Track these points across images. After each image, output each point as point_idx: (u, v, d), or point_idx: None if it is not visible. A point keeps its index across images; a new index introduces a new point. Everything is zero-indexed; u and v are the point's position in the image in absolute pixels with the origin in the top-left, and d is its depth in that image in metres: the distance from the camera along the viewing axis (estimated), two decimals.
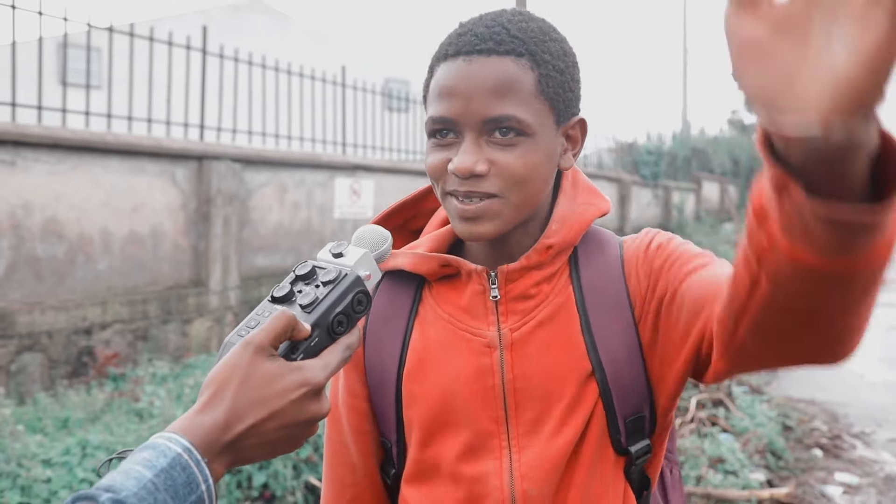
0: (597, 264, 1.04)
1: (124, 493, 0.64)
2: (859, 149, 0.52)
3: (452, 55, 0.95)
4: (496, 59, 0.93)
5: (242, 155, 6.20)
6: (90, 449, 3.40)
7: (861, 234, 0.57)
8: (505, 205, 0.95)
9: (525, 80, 0.93)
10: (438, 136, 0.97)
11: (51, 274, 4.78)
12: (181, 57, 6.27)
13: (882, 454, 4.82)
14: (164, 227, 5.55)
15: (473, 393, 1.00)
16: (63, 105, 5.12)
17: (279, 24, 20.67)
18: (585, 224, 1.03)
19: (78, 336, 4.87)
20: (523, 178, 0.94)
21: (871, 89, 0.45)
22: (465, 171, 0.93)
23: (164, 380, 4.66)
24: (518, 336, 1.00)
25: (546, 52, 0.95)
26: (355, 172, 7.52)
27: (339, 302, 0.82)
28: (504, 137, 0.93)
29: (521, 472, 0.98)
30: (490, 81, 0.92)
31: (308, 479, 3.50)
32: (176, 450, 0.68)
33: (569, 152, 1.02)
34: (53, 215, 4.79)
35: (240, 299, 6.05)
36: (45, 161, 4.72)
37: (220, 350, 0.79)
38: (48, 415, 4.01)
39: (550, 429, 0.99)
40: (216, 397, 0.73)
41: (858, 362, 7.16)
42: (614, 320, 1.00)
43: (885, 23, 0.43)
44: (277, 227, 6.62)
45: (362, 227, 0.94)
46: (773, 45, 0.49)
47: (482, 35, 0.94)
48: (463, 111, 0.93)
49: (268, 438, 0.74)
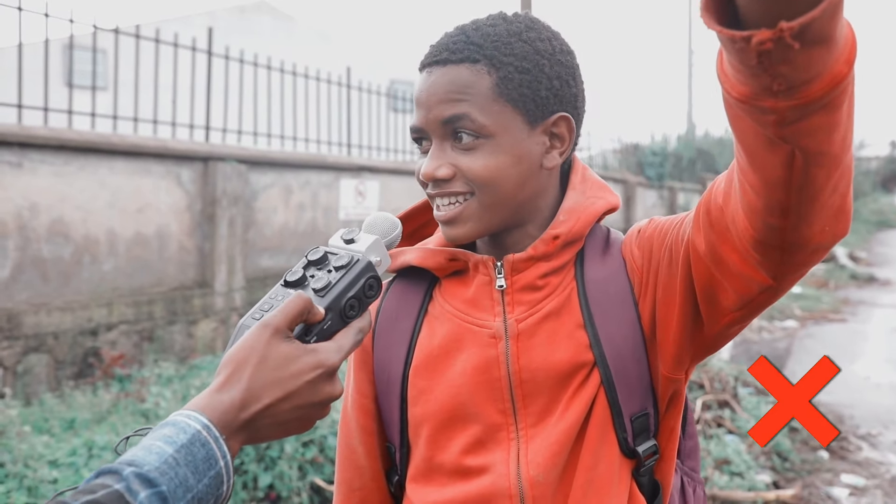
0: (602, 260, 1.04)
1: (146, 467, 0.65)
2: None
3: (421, 67, 1.02)
4: (451, 68, 0.97)
5: (248, 156, 6.21)
6: (96, 450, 3.41)
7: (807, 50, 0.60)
8: (478, 206, 0.99)
9: (479, 84, 0.96)
10: (419, 145, 1.03)
11: (57, 275, 4.79)
12: (187, 58, 6.28)
13: (888, 456, 4.80)
14: (169, 228, 5.56)
15: (479, 385, 1.01)
16: (69, 106, 5.13)
17: (284, 25, 20.70)
18: (594, 216, 1.04)
19: (84, 337, 4.88)
20: (487, 179, 0.97)
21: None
22: (427, 176, 0.99)
23: (170, 381, 4.67)
24: (524, 327, 1.01)
25: (509, 53, 0.97)
26: (360, 173, 7.52)
27: (352, 286, 0.84)
28: (464, 141, 0.97)
29: (528, 459, 0.99)
30: (443, 89, 0.97)
31: (314, 479, 3.50)
32: (195, 426, 0.70)
33: (554, 150, 1.02)
34: (59, 216, 4.80)
35: (245, 300, 6.05)
36: (51, 162, 4.74)
37: (235, 332, 0.81)
38: (54, 416, 4.02)
39: (556, 416, 1.00)
40: (233, 377, 0.75)
41: (864, 364, 7.15)
42: (618, 315, 1.01)
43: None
44: (283, 228, 6.63)
45: (373, 214, 0.97)
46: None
47: (442, 45, 1.00)
48: (426, 119, 0.99)
49: (282, 418, 0.76)
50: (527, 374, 1.00)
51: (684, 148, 20.80)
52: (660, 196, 15.83)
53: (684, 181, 18.29)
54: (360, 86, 8.06)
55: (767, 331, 8.62)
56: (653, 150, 16.02)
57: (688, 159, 19.95)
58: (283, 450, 3.52)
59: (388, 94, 8.63)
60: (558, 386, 1.00)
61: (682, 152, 19.85)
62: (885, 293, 11.69)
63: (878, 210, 30.38)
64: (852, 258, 15.15)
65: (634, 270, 1.02)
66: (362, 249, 0.88)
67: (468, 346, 1.02)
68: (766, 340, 8.15)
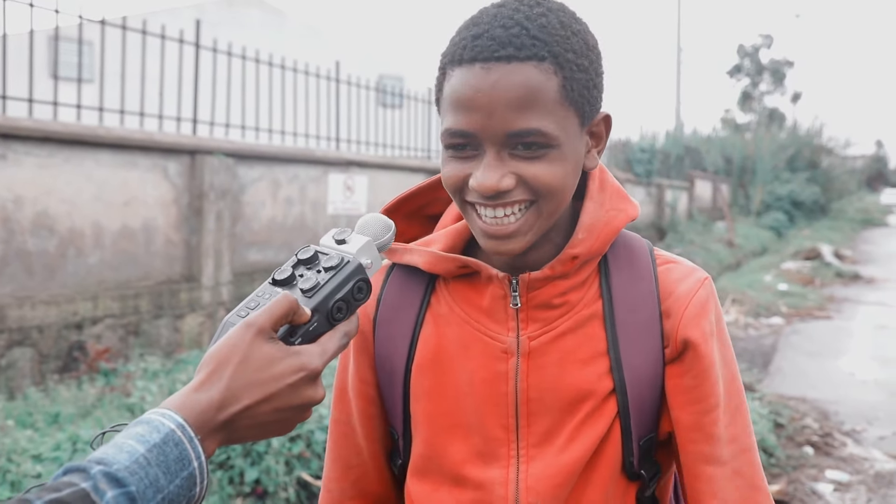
0: (628, 276, 0.99)
1: (115, 465, 0.64)
2: None
3: (468, 61, 0.87)
4: (517, 67, 0.85)
5: (235, 150, 6.17)
6: (81, 444, 3.38)
7: None
8: (537, 216, 0.91)
9: (548, 87, 0.86)
10: (456, 149, 0.91)
11: (41, 268, 4.75)
12: (174, 51, 6.23)
13: (872, 452, 4.84)
14: (156, 221, 5.53)
15: (485, 398, 0.98)
16: (54, 98, 5.09)
17: (273, 18, 20.60)
18: (613, 233, 0.98)
19: (69, 331, 4.84)
20: (553, 188, 0.89)
21: None
22: (490, 189, 0.87)
23: (156, 375, 4.64)
24: (536, 345, 0.97)
25: (569, 50, 0.87)
26: (349, 168, 7.50)
27: (340, 288, 0.82)
28: (528, 151, 0.87)
29: (528, 485, 0.96)
30: (512, 93, 0.85)
31: (301, 474, 3.49)
32: (169, 426, 0.68)
33: (593, 150, 0.96)
34: (44, 209, 4.76)
35: (232, 294, 6.03)
36: (35, 154, 4.69)
37: (219, 329, 0.80)
38: (38, 410, 3.99)
39: (562, 442, 0.96)
40: (213, 376, 0.73)
41: (849, 360, 7.20)
42: (644, 340, 0.97)
43: None
44: (270, 223, 6.60)
45: (367, 215, 0.94)
46: None
47: (500, 39, 0.86)
48: (483, 125, 0.86)
49: (261, 420, 0.75)
50: (535, 392, 0.97)
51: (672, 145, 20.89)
52: (648, 193, 15.88)
53: (672, 178, 18.35)
54: (349, 80, 8.04)
55: (754, 327, 8.67)
56: (641, 147, 16.07)
57: (676, 156, 20.03)
58: (269, 444, 3.51)
59: (378, 88, 8.60)
60: (566, 409, 0.96)
61: (671, 149, 19.93)
62: (869, 290, 11.78)
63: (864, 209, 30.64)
64: (838, 256, 15.25)
65: (668, 336, 0.98)
66: (353, 251, 0.86)
67: (478, 355, 0.99)
68: (753, 337, 8.19)
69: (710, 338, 0.97)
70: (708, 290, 0.99)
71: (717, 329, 0.99)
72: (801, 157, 26.22)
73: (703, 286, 0.99)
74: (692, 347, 0.96)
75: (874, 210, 31.81)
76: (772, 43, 49.32)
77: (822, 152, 28.36)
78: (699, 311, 0.97)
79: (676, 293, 0.98)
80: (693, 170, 20.60)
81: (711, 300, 0.99)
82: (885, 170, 62.80)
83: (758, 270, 12.97)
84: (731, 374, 0.99)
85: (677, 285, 0.99)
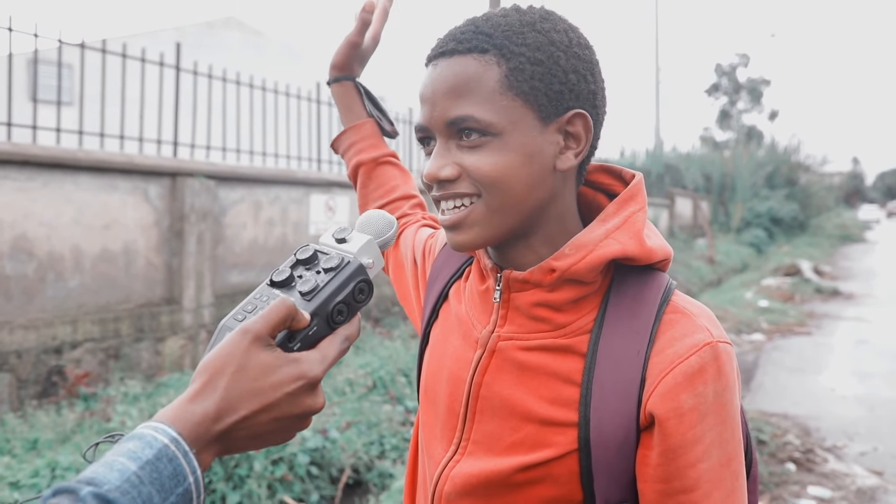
0: (627, 324, 0.90)
1: (106, 486, 0.61)
2: None
3: (427, 61, 0.94)
4: (457, 59, 0.89)
5: (216, 171, 6.16)
6: (60, 470, 3.34)
7: None
8: (485, 209, 0.90)
9: (487, 76, 0.87)
10: (425, 146, 0.95)
11: (20, 292, 4.70)
12: (154, 73, 6.23)
13: (854, 467, 4.87)
14: (136, 244, 5.50)
15: (451, 379, 1.00)
16: (33, 121, 5.05)
17: (254, 40, 20.64)
18: (599, 260, 0.90)
19: (48, 355, 4.79)
20: (495, 179, 0.88)
21: None
22: (431, 176, 0.91)
23: (137, 399, 4.60)
24: (504, 346, 0.95)
25: (521, 44, 0.88)
26: (331, 189, 7.51)
27: (341, 291, 0.79)
28: (469, 140, 0.89)
29: (450, 474, 0.96)
30: (448, 83, 0.89)
31: (283, 498, 3.46)
32: (163, 440, 0.65)
33: (569, 151, 0.92)
34: (23, 233, 4.72)
35: (214, 317, 5.99)
36: (14, 178, 4.66)
37: (216, 334, 0.77)
38: (16, 436, 3.93)
39: (501, 449, 0.93)
40: (208, 386, 0.70)
41: (829, 376, 7.25)
42: (619, 403, 0.87)
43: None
44: (252, 244, 6.58)
45: (368, 211, 0.92)
46: None
47: (449, 36, 0.92)
48: (429, 117, 0.91)
49: (259, 431, 0.72)
50: (486, 391, 0.95)
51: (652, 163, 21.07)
52: None
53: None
54: (329, 101, 8.05)
55: (735, 344, 8.72)
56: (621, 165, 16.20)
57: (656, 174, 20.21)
58: (251, 468, 3.48)
59: None
60: (514, 423, 0.92)
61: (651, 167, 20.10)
62: (849, 306, 11.88)
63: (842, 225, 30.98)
64: (817, 272, 15.39)
65: (642, 408, 0.86)
66: (354, 251, 0.82)
67: (460, 337, 1.01)
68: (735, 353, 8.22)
69: (688, 414, 0.84)
70: (705, 359, 0.86)
71: (715, 405, 0.86)
72: (780, 175, 26.54)
73: (700, 353, 0.86)
74: (658, 423, 0.85)
75: (852, 226, 32.17)
76: (748, 62, 50.08)
77: (799, 169, 28.73)
78: (681, 381, 0.85)
79: (664, 355, 0.87)
80: (673, 187, 20.77)
81: (710, 370, 0.86)
82: (861, 186, 63.61)
83: (738, 287, 13.06)
84: (725, 457, 0.86)
85: (670, 345, 0.87)
